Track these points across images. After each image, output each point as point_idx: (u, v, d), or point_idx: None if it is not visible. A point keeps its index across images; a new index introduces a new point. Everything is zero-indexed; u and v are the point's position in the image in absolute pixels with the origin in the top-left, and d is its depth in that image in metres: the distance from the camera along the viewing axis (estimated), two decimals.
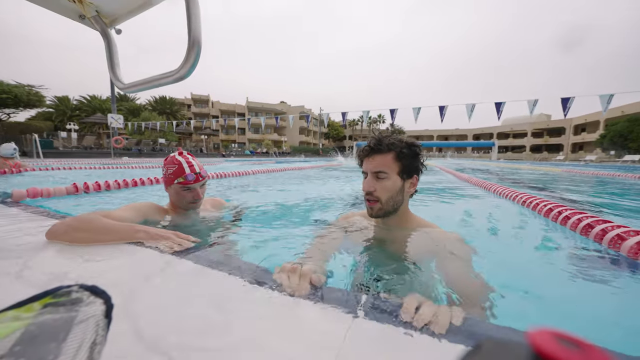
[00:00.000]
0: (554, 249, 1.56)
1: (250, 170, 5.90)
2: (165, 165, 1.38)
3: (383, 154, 1.00)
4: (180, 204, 1.39)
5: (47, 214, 1.40)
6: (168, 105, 41.38)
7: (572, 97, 6.59)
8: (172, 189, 1.36)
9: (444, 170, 7.83)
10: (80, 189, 2.29)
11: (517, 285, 1.01)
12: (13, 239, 0.99)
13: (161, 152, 24.04)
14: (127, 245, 0.94)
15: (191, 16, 0.79)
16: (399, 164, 0.99)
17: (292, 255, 1.05)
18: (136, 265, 0.79)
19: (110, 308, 0.40)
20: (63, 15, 0.99)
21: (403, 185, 1.01)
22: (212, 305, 0.57)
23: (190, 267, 0.77)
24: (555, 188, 4.68)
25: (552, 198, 2.62)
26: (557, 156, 38.15)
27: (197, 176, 1.36)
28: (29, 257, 0.81)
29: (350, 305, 0.59)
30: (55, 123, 28.99)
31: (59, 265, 0.73)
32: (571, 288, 1.08)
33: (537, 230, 1.85)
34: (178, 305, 0.56)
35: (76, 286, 0.47)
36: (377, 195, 0.99)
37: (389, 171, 0.98)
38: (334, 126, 59.48)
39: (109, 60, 1.04)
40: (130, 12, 0.99)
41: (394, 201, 1.00)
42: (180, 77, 0.85)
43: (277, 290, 0.65)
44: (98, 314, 0.38)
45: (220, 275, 0.73)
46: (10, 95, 18.81)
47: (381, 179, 0.99)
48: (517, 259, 1.38)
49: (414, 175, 1.04)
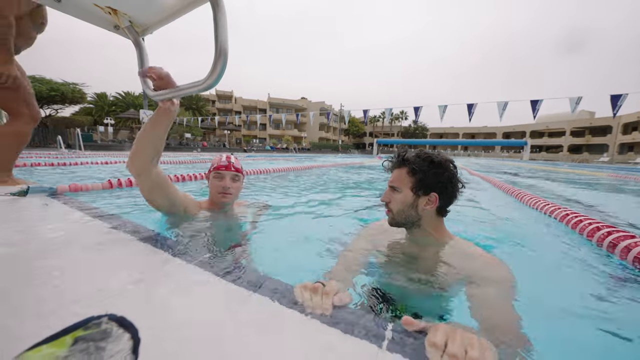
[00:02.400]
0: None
1: (271, 169, 5.97)
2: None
3: (399, 169, 1.05)
4: (214, 195, 1.46)
5: (80, 206, 1.52)
6: (194, 101, 43.15)
7: (624, 94, 5.89)
8: (210, 180, 1.47)
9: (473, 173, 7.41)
10: (114, 184, 2.46)
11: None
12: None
13: (187, 146, 25.23)
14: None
15: (218, 27, 0.79)
16: (412, 179, 1.00)
17: (315, 270, 1.03)
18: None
19: (137, 343, 0.41)
20: (99, 26, 1.04)
21: (416, 201, 1.01)
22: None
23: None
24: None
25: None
26: (601, 158, 34.72)
27: (229, 164, 1.46)
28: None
29: (375, 333, 0.56)
30: (95, 118, 31.41)
31: None
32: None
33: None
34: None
35: (106, 317, 0.48)
36: (390, 207, 1.04)
37: (402, 185, 1.02)
38: (354, 122, 58.66)
39: (140, 67, 1.08)
40: (160, 21, 1.02)
41: (405, 215, 1.02)
42: (207, 86, 0.86)
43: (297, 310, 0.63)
44: (126, 349, 0.39)
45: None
46: (58, 93, 20.69)
47: (395, 191, 1.03)
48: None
49: (432, 192, 0.99)
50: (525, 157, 34.14)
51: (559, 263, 1.48)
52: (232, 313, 0.63)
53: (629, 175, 7.85)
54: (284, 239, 1.62)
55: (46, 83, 20.35)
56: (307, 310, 0.63)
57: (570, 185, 5.66)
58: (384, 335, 0.57)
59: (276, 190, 3.61)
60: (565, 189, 5.04)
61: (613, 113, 6.03)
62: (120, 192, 2.47)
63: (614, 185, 5.92)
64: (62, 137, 12.53)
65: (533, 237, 2.00)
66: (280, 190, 3.63)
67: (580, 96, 6.28)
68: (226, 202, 1.48)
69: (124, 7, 0.96)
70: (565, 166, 16.56)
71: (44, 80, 20.42)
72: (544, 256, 1.60)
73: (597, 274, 1.30)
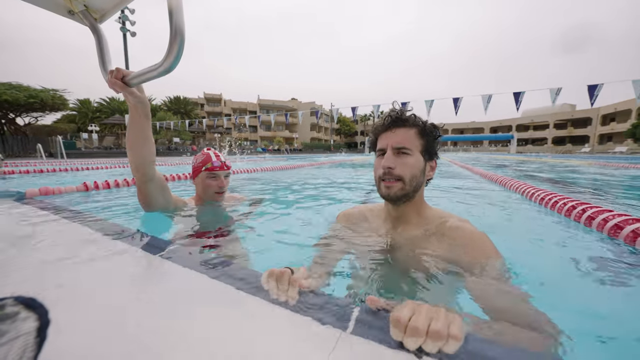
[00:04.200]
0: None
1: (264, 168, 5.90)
2: (195, 158, 1.52)
3: (407, 128, 0.88)
4: (206, 194, 1.49)
5: (53, 208, 1.42)
6: (182, 105, 42.40)
7: (600, 84, 6.09)
8: (200, 179, 1.48)
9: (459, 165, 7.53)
10: (90, 187, 2.35)
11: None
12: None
13: (176, 150, 24.75)
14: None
15: (172, 4, 0.74)
16: (422, 142, 0.88)
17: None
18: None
19: (46, 324, 0.36)
20: (52, 11, 0.97)
21: (425, 167, 0.90)
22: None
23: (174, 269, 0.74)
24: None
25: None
26: (583, 148, 35.95)
27: (222, 164, 1.48)
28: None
29: (341, 316, 0.53)
30: (78, 125, 30.46)
31: None
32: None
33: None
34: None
35: (11, 299, 0.43)
36: (398, 174, 0.86)
37: (413, 147, 0.87)
38: (346, 122, 58.88)
39: (99, 56, 1.02)
40: (116, 5, 0.96)
41: (417, 182, 0.88)
42: (164, 70, 0.81)
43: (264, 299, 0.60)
44: (30, 331, 0.34)
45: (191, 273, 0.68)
46: (37, 100, 19.87)
47: (405, 154, 0.86)
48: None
49: (434, 158, 0.94)
50: (512, 150, 35.04)
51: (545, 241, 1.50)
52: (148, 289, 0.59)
53: (608, 163, 8.18)
54: (271, 232, 1.58)
55: (24, 90, 19.52)
56: (272, 296, 0.60)
57: (558, 172, 5.82)
58: (350, 317, 0.53)
59: (267, 187, 3.56)
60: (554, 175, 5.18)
61: (591, 102, 6.22)
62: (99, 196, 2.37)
63: (595, 171, 6.14)
64: (42, 145, 12.05)
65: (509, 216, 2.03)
66: (270, 188, 3.58)
67: (560, 87, 6.46)
68: (221, 200, 1.54)
69: None
70: (549, 157, 17.07)
71: (21, 87, 19.59)
72: (520, 232, 1.62)
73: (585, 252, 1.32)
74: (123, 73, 0.95)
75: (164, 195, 1.31)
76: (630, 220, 1.34)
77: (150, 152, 1.14)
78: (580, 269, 1.13)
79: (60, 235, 1.03)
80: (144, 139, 1.09)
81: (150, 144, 1.13)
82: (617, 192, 3.56)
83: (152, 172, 1.18)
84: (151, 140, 1.13)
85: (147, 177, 1.17)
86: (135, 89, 1.00)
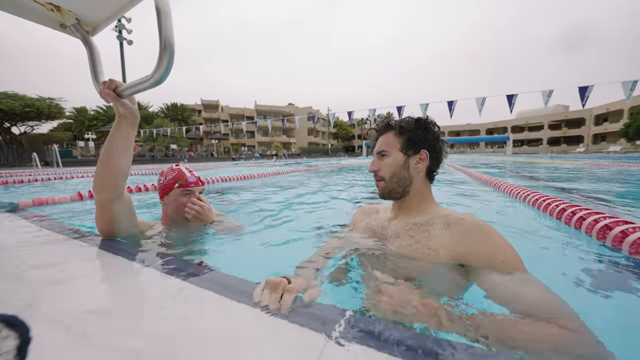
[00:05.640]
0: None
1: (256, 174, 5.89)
2: (163, 174, 1.36)
3: (384, 134, 1.01)
4: (178, 213, 1.33)
5: (46, 221, 1.41)
6: (179, 111, 42.44)
7: (591, 85, 6.19)
8: (171, 197, 1.33)
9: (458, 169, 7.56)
10: (84, 196, 2.34)
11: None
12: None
13: (173, 157, 24.69)
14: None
15: (161, 17, 0.76)
16: (400, 140, 0.97)
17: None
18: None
19: (26, 342, 0.36)
20: (45, 25, 0.99)
21: (407, 161, 0.96)
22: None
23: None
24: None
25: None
26: (577, 148, 36.35)
27: (197, 180, 1.38)
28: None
29: (325, 322, 0.53)
30: (75, 133, 30.36)
31: None
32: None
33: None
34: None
35: None
36: (381, 175, 0.99)
37: (390, 149, 0.98)
38: (343, 126, 59.18)
39: (92, 68, 1.03)
40: (108, 18, 0.98)
41: (397, 178, 0.96)
42: (155, 81, 0.82)
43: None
44: (9, 351, 0.34)
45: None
46: (33, 109, 19.82)
47: (384, 156, 0.99)
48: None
49: (422, 149, 0.96)
50: (508, 152, 35.31)
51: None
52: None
53: (602, 162, 8.25)
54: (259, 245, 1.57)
55: (19, 99, 19.46)
56: (263, 304, 0.59)
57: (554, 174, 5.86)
58: (336, 323, 0.54)
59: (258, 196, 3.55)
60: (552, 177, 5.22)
61: (582, 104, 6.32)
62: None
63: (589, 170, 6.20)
64: (38, 154, 11.97)
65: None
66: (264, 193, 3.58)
67: (552, 89, 6.57)
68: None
69: (67, 4, 0.92)
70: (545, 157, 17.21)
71: (17, 96, 19.55)
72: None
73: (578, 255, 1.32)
74: (116, 84, 0.95)
75: (130, 217, 1.16)
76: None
77: (128, 163, 1.06)
78: (582, 279, 1.13)
79: (48, 249, 1.02)
80: (127, 149, 1.04)
81: (130, 154, 1.06)
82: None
83: (124, 187, 1.07)
84: (132, 151, 1.07)
85: (117, 192, 1.05)
86: (127, 100, 0.99)
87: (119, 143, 1.01)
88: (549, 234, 1.72)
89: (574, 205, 1.76)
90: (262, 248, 1.43)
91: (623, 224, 1.30)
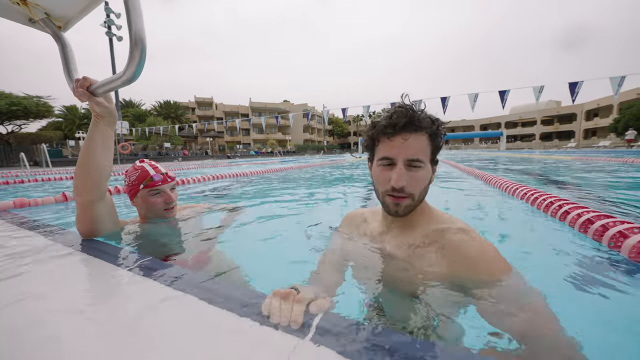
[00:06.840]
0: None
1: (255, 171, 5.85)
2: (127, 175, 1.27)
3: (419, 134, 0.73)
4: (152, 213, 1.26)
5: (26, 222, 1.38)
6: (173, 109, 41.83)
7: (580, 81, 6.28)
8: (139, 198, 1.25)
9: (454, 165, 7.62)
10: (69, 198, 2.29)
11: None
12: None
13: (167, 155, 24.39)
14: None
15: (130, 12, 0.73)
16: (432, 148, 0.76)
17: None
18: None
19: None
20: (12, 19, 0.95)
21: (432, 174, 0.79)
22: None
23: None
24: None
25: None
26: (569, 143, 36.95)
27: (164, 176, 1.26)
28: None
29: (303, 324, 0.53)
30: (65, 132, 29.70)
31: None
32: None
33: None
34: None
35: None
36: (409, 191, 0.74)
37: (425, 158, 0.74)
38: (338, 123, 59.08)
39: (64, 65, 1.00)
40: (80, 12, 0.94)
41: (425, 193, 0.78)
42: (127, 79, 0.80)
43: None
44: None
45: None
46: (20, 107, 19.28)
47: (416, 167, 0.73)
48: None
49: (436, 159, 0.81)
50: (502, 147, 35.74)
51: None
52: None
53: (591, 157, 8.40)
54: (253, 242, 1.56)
55: (5, 97, 18.90)
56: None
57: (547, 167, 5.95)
58: (311, 324, 0.53)
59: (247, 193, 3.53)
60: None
61: (572, 99, 6.41)
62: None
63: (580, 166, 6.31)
64: (26, 154, 11.70)
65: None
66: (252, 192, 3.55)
67: (543, 85, 6.64)
68: (173, 216, 1.33)
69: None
70: (537, 152, 17.45)
71: (2, 94, 18.98)
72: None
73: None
74: (89, 82, 0.91)
75: (112, 217, 1.14)
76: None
77: (110, 164, 1.04)
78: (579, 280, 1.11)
79: (27, 253, 1.00)
80: (107, 149, 1.01)
81: (111, 154, 1.04)
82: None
83: (105, 188, 1.06)
84: (112, 150, 1.05)
85: (100, 194, 1.03)
86: (103, 99, 0.95)
87: (98, 143, 0.98)
88: (536, 226, 1.75)
89: (561, 199, 1.78)
90: (247, 245, 1.42)
91: (604, 217, 1.32)
